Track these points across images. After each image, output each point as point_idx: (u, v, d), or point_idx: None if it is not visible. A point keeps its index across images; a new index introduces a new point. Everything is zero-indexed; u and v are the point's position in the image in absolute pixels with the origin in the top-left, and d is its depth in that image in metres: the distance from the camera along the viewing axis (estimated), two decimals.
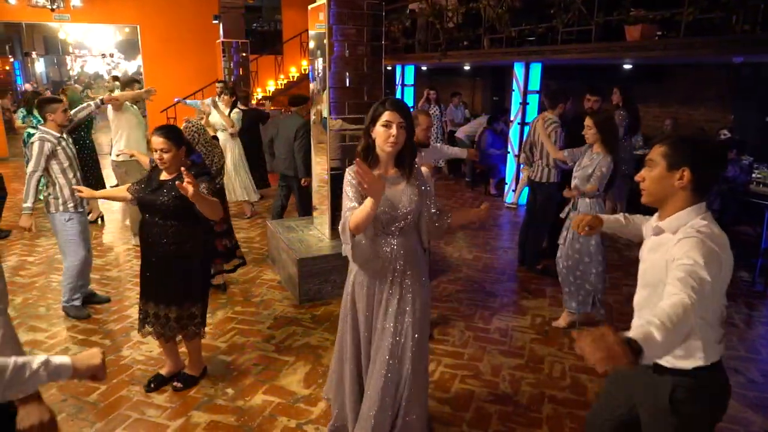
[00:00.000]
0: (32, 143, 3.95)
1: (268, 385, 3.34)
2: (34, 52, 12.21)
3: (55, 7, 10.31)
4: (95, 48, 12.50)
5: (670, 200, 1.78)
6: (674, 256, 1.65)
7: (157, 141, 2.93)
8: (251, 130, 7.64)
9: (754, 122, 6.97)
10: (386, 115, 2.26)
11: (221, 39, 11.48)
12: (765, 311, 4.53)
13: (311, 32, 4.94)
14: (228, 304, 4.48)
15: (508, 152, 7.98)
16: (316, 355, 3.70)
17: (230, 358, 3.65)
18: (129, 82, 6.70)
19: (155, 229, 3.02)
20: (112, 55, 12.64)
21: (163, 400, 3.19)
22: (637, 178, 1.89)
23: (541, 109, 6.70)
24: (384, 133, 2.28)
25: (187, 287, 3.13)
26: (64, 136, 4.12)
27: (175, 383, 3.30)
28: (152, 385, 3.29)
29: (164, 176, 3.06)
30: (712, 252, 1.62)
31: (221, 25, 11.77)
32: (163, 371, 3.37)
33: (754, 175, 5.90)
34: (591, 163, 3.90)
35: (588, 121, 3.94)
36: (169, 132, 2.99)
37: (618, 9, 5.82)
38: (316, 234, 5.04)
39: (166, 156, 2.95)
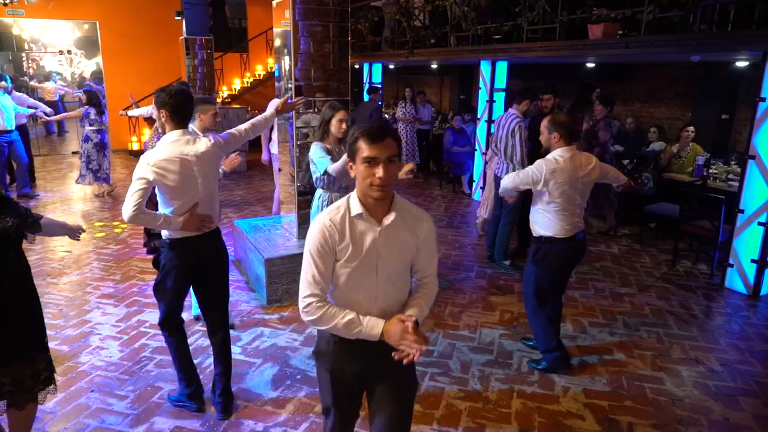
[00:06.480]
0: None
1: (234, 389, 3.25)
2: None
3: (7, 2, 9.88)
4: (53, 45, 12.06)
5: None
6: None
7: None
8: None
9: (711, 120, 7.18)
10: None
11: (184, 36, 11.22)
12: (723, 303, 4.67)
13: (277, 29, 4.86)
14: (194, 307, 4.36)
15: (476, 150, 8.03)
16: (284, 357, 3.64)
17: (195, 362, 3.54)
18: None
19: None
20: (70, 52, 12.21)
21: (123, 406, 3.08)
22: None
23: (508, 105, 6.77)
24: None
25: (41, 327, 2.39)
26: None
27: None
28: None
29: None
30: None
31: (184, 21, 11.50)
32: None
33: (711, 171, 6.09)
34: None
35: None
36: None
37: (581, 8, 5.93)
38: (283, 233, 4.96)
39: None
